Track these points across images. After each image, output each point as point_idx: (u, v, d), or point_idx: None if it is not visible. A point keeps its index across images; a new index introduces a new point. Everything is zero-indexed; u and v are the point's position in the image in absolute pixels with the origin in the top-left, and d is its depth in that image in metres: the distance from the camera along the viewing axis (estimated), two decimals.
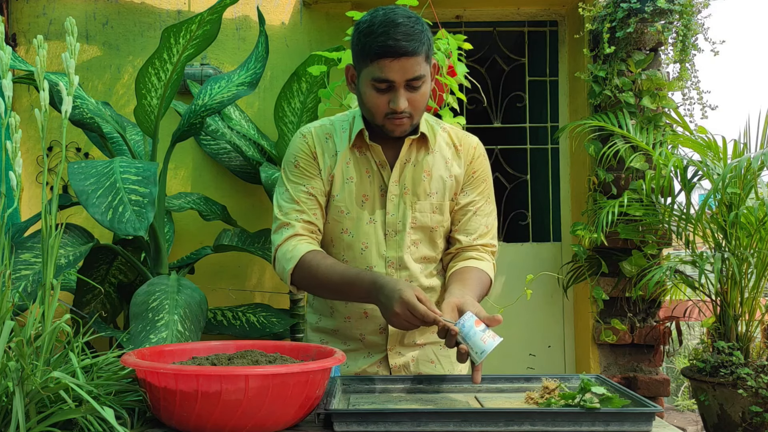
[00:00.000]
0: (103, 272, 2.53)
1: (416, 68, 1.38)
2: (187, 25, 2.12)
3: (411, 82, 1.40)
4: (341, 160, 1.54)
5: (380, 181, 1.53)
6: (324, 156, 1.55)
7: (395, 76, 1.38)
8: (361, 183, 1.53)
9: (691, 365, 2.65)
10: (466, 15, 3.26)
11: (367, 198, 1.53)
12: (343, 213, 1.53)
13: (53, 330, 1.01)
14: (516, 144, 3.43)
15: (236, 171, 2.89)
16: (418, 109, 1.44)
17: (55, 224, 1.06)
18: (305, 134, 1.57)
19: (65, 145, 2.44)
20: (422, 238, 1.54)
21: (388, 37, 1.36)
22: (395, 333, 1.54)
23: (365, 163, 1.54)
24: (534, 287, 3.18)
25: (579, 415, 1.05)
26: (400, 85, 1.39)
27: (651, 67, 2.95)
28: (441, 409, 1.16)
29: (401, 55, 1.36)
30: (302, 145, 1.55)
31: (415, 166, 1.53)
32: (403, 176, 1.53)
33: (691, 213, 2.76)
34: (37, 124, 1.04)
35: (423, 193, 1.53)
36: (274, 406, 0.99)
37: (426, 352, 1.58)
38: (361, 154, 1.54)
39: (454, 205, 1.57)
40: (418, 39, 1.38)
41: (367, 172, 1.53)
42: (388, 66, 1.38)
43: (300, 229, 1.50)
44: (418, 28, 1.39)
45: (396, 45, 1.36)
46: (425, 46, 1.40)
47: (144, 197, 1.81)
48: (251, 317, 2.62)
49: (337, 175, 1.54)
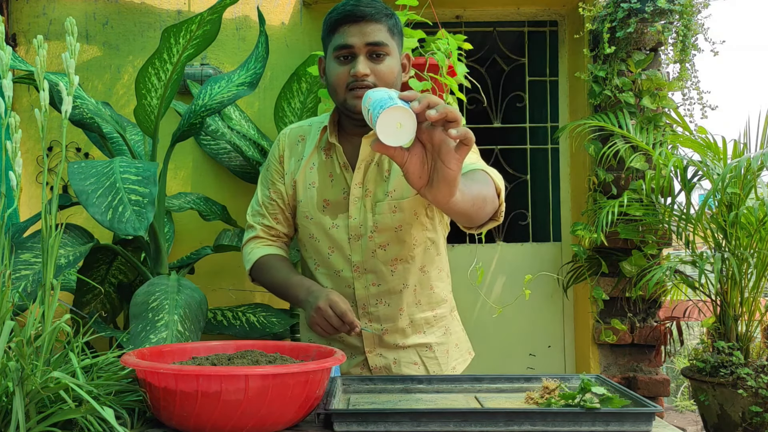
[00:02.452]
0: (103, 272, 2.53)
1: (377, 34, 1.39)
2: (187, 25, 2.12)
3: (372, 48, 1.39)
4: (305, 165, 1.53)
5: (343, 184, 1.51)
6: (290, 160, 1.56)
7: (354, 40, 1.39)
8: (323, 188, 1.51)
9: (691, 365, 2.65)
10: (466, 15, 3.26)
11: (329, 203, 1.51)
12: (308, 218, 1.53)
13: (53, 330, 1.01)
14: (516, 144, 3.43)
15: (236, 171, 2.89)
16: (383, 80, 1.41)
17: (55, 224, 1.06)
18: (280, 137, 1.60)
19: (65, 145, 2.43)
20: (389, 239, 1.50)
21: (348, 3, 1.40)
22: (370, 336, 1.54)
23: (329, 166, 1.52)
24: (534, 287, 3.18)
25: (579, 415, 1.05)
26: (360, 51, 1.39)
27: (651, 67, 2.95)
28: (441, 409, 1.16)
29: (360, 18, 1.38)
30: (275, 148, 1.59)
31: (378, 165, 1.50)
32: (366, 178, 1.49)
33: (691, 213, 2.76)
34: (37, 124, 1.04)
35: (382, 193, 1.49)
36: (274, 406, 0.99)
37: (409, 353, 1.57)
38: (327, 157, 1.52)
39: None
40: (378, 10, 1.40)
41: (330, 176, 1.51)
42: (348, 31, 1.39)
43: (260, 232, 1.59)
44: (382, 5, 1.41)
45: (355, 9, 1.38)
46: (389, 19, 1.41)
47: (144, 197, 1.81)
48: (251, 317, 2.62)
49: (299, 180, 1.54)
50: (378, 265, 1.51)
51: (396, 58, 1.44)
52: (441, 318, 1.61)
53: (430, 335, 1.59)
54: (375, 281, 1.52)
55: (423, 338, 1.57)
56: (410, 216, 1.49)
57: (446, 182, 0.97)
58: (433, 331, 1.59)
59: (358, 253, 1.51)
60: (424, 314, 1.57)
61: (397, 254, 1.51)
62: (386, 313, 1.54)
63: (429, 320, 1.58)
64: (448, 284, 1.66)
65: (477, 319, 3.20)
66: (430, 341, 1.59)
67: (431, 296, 1.59)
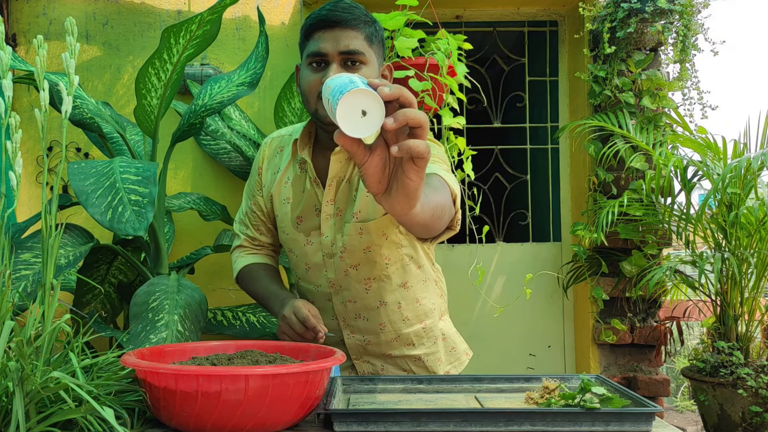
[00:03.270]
0: (103, 272, 2.53)
1: (352, 41, 1.31)
2: (187, 25, 2.11)
3: (347, 56, 1.31)
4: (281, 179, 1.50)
5: (315, 200, 1.45)
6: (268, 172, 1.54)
7: (328, 47, 1.31)
8: (297, 204, 1.47)
9: (691, 365, 2.65)
10: (466, 15, 3.26)
11: (302, 220, 1.47)
12: (285, 234, 1.51)
13: (53, 330, 1.01)
14: (516, 144, 3.43)
15: (236, 171, 2.89)
16: None
17: (55, 224, 1.06)
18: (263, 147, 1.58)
19: (65, 145, 2.43)
20: (359, 260, 1.45)
21: (324, 9, 1.33)
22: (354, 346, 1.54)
23: (302, 181, 1.47)
24: (534, 287, 3.18)
25: (579, 415, 1.05)
26: (333, 58, 1.31)
27: (651, 67, 2.95)
28: (441, 409, 1.16)
29: (335, 23, 1.31)
30: (257, 158, 1.58)
31: (349, 183, 1.43)
32: (338, 195, 1.43)
33: (691, 213, 2.76)
34: (37, 124, 1.04)
35: (349, 214, 1.42)
36: (274, 406, 0.99)
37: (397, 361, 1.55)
38: (301, 171, 1.47)
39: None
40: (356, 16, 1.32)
41: (303, 191, 1.46)
42: (322, 37, 1.32)
43: (244, 241, 1.61)
44: (361, 12, 1.34)
45: (329, 14, 1.31)
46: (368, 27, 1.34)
47: (144, 197, 1.81)
48: (251, 317, 2.62)
49: (275, 194, 1.51)
50: (352, 284, 1.47)
51: (374, 67, 1.36)
52: (431, 329, 1.58)
53: (420, 347, 1.56)
54: (351, 298, 1.49)
55: (412, 350, 1.55)
56: (378, 237, 1.42)
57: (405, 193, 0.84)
58: (423, 343, 1.56)
59: (332, 270, 1.48)
60: (413, 328, 1.55)
61: (369, 274, 1.47)
62: (366, 326, 1.52)
63: (419, 333, 1.56)
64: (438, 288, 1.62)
65: (477, 319, 3.20)
66: (419, 353, 1.57)
67: (417, 309, 1.55)
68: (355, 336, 1.53)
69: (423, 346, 1.57)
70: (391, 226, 1.43)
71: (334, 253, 1.45)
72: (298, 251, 1.51)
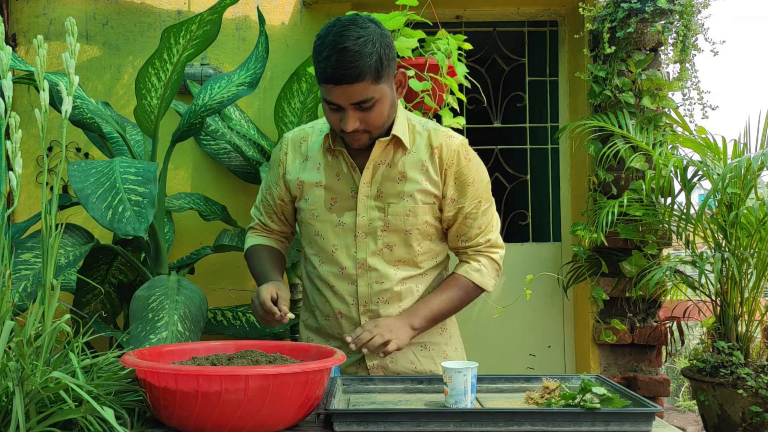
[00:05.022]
0: (103, 272, 2.53)
1: (361, 93, 1.37)
2: (187, 25, 2.12)
3: (359, 104, 1.39)
4: (312, 165, 1.57)
5: (351, 183, 1.53)
6: (294, 161, 1.60)
7: (340, 101, 1.39)
8: (331, 186, 1.54)
9: (691, 365, 2.65)
10: (466, 15, 3.26)
11: (336, 201, 1.54)
12: (314, 216, 1.56)
13: (53, 330, 1.01)
14: (516, 144, 3.43)
15: (236, 171, 2.89)
16: (373, 126, 1.43)
17: (55, 224, 1.06)
18: (282, 141, 1.65)
19: (65, 145, 2.43)
20: (397, 241, 1.53)
21: (329, 64, 1.35)
22: None
23: (336, 166, 1.55)
24: (534, 287, 3.18)
25: (579, 415, 1.05)
26: (347, 108, 1.40)
27: (651, 67, 2.95)
28: (441, 409, 1.16)
29: (341, 82, 1.36)
30: (277, 151, 1.65)
31: (390, 167, 1.52)
32: (375, 178, 1.52)
33: (691, 213, 2.76)
34: (37, 124, 1.05)
35: (396, 196, 1.51)
36: (274, 406, 0.99)
37: (406, 353, 1.57)
38: (333, 158, 1.55)
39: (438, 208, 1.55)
40: (363, 64, 1.34)
41: (338, 175, 1.54)
42: (332, 91, 1.38)
43: (256, 225, 1.72)
44: (367, 50, 1.35)
45: (334, 74, 1.35)
46: (373, 69, 1.36)
47: (144, 197, 1.81)
48: (251, 317, 2.62)
49: (307, 179, 1.57)
50: (382, 264, 1.53)
51: (386, 96, 1.43)
52: None
53: (426, 334, 1.59)
54: (378, 279, 1.53)
55: (419, 337, 1.58)
56: (421, 223, 1.52)
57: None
58: (430, 330, 1.60)
59: (363, 250, 1.53)
60: None
61: (402, 256, 1.54)
62: (386, 312, 1.55)
63: None
64: None
65: (477, 319, 3.20)
66: (425, 340, 1.60)
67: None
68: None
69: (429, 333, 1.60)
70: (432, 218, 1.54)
71: (369, 233, 1.52)
72: (327, 233, 1.56)
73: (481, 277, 1.58)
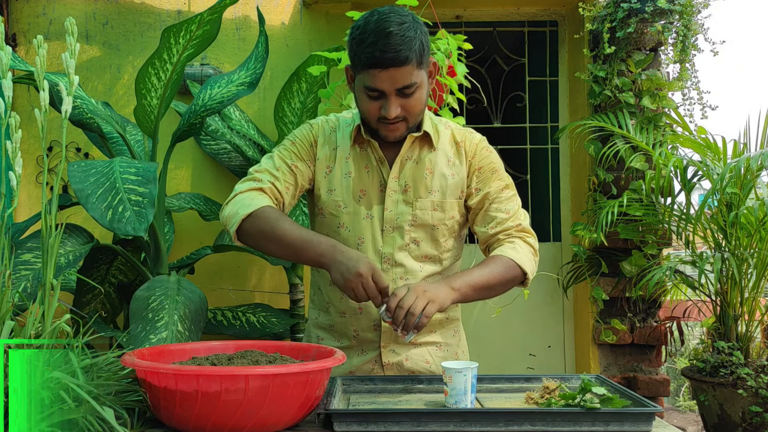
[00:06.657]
0: (103, 272, 2.53)
1: (406, 77, 1.38)
2: (187, 25, 2.12)
3: (402, 90, 1.40)
4: (341, 155, 1.55)
5: (379, 176, 1.54)
6: (324, 147, 1.57)
7: (385, 86, 1.39)
8: (360, 178, 1.54)
9: (691, 365, 2.65)
10: (466, 15, 3.26)
11: (365, 193, 1.54)
12: (341, 207, 1.54)
13: (53, 330, 1.01)
14: (516, 144, 3.43)
15: (236, 171, 2.89)
16: (412, 113, 1.44)
17: (55, 224, 1.06)
18: (312, 124, 1.61)
19: (65, 145, 2.43)
20: (423, 236, 1.54)
21: (376, 48, 1.36)
22: (388, 330, 1.54)
23: (365, 158, 1.55)
24: (534, 287, 3.18)
25: (579, 415, 1.05)
26: (390, 94, 1.40)
27: (651, 67, 2.95)
28: (441, 409, 1.16)
29: (389, 66, 1.36)
30: (306, 131, 1.59)
31: (417, 163, 1.54)
32: (403, 173, 1.53)
33: (691, 213, 2.76)
34: (37, 124, 1.05)
35: (424, 191, 1.53)
36: (274, 406, 0.99)
37: (421, 351, 1.58)
38: (362, 150, 1.55)
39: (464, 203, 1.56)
40: (408, 48, 1.36)
41: (366, 167, 1.54)
42: (377, 76, 1.38)
43: (267, 189, 1.49)
44: (410, 34, 1.37)
45: (383, 57, 1.35)
46: (417, 53, 1.38)
47: (144, 197, 1.81)
48: (251, 317, 2.62)
49: (336, 169, 1.55)
50: (408, 260, 1.53)
51: (425, 83, 1.44)
52: (453, 320, 1.64)
53: (440, 335, 1.60)
54: (403, 275, 1.53)
55: (433, 337, 1.59)
56: (449, 218, 1.53)
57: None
58: (444, 332, 1.61)
59: (389, 245, 1.52)
60: (438, 315, 1.57)
61: (427, 252, 1.54)
62: None
63: (442, 322, 1.60)
64: None
65: (477, 319, 3.20)
66: (439, 340, 1.60)
67: None
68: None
69: (443, 335, 1.61)
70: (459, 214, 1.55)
71: (397, 227, 1.52)
72: (352, 226, 1.53)
73: (516, 254, 1.50)
